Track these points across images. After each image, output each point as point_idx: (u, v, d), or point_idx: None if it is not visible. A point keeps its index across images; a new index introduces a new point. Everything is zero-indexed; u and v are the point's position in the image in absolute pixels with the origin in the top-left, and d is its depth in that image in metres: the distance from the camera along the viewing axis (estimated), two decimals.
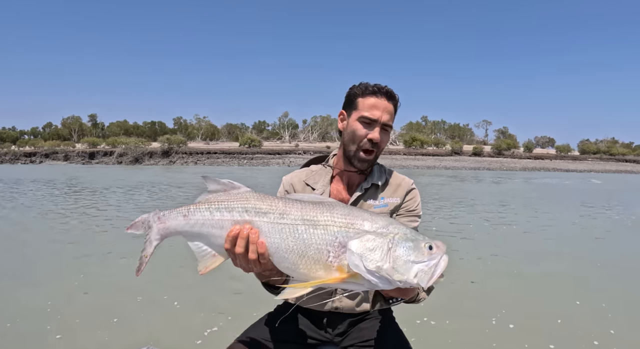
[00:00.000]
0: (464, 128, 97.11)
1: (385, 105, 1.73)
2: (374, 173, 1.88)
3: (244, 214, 1.29)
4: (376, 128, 1.72)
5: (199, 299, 4.58)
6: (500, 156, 61.21)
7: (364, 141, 1.73)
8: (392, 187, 1.88)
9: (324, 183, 1.87)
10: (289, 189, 1.91)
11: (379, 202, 1.83)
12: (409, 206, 1.86)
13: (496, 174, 39.55)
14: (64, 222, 9.54)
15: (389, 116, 1.74)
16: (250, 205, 1.30)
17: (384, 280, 1.16)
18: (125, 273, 5.44)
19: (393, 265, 1.16)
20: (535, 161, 59.72)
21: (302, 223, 1.24)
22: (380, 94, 1.72)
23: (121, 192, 16.90)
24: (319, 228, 1.23)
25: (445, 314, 4.23)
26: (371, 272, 1.15)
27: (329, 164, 1.94)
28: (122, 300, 4.52)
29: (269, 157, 57.23)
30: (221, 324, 3.98)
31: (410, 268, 1.16)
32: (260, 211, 1.28)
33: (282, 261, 1.26)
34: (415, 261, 1.16)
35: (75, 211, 11.35)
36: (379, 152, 1.80)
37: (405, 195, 1.87)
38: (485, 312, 4.33)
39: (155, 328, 3.89)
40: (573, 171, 51.57)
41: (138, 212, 11.09)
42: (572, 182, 30.97)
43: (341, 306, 1.84)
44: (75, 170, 38.90)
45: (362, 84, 1.77)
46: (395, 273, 1.15)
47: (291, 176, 1.95)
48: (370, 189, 1.85)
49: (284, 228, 1.25)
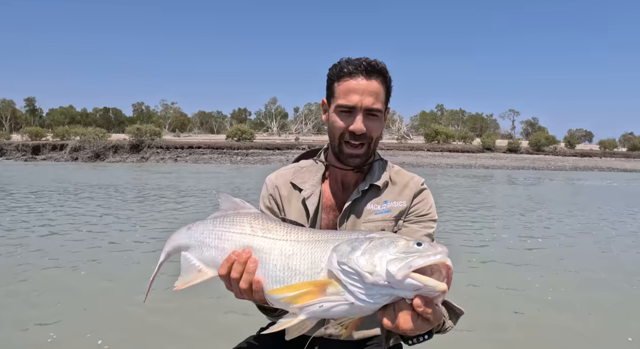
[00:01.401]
0: (487, 119, 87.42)
1: (365, 85, 1.48)
2: (374, 171, 1.66)
3: (246, 237, 1.27)
4: (357, 117, 1.50)
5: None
6: (540, 152, 53.26)
7: (346, 135, 1.53)
8: (397, 188, 1.66)
9: (313, 183, 1.66)
10: (273, 193, 1.71)
11: (380, 207, 1.61)
12: (420, 210, 1.65)
13: (545, 175, 34.70)
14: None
15: (372, 98, 1.49)
16: (257, 227, 1.28)
17: (354, 274, 1.04)
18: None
19: (366, 257, 1.04)
20: (583, 158, 52.13)
21: (305, 245, 1.18)
22: (357, 74, 1.48)
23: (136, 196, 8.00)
24: (319, 245, 1.16)
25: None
26: (341, 264, 1.06)
27: (320, 160, 1.72)
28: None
29: (268, 153, 46.77)
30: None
31: (383, 257, 1.03)
32: (264, 236, 1.25)
33: (273, 297, 1.19)
34: (393, 254, 1.03)
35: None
36: (374, 144, 1.58)
37: (414, 198, 1.65)
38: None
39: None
40: (632, 171, 45.19)
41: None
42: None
43: (336, 332, 1.52)
44: (19, 169, 28.93)
45: (339, 63, 1.53)
46: (366, 264, 1.03)
47: (276, 175, 1.75)
48: (370, 191, 1.63)
49: (275, 262, 1.20)
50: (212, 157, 45.55)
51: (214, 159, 45.01)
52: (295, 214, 1.67)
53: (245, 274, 1.20)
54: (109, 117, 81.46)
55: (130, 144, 45.99)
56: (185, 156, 45.54)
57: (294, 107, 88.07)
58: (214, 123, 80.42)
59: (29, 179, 21.93)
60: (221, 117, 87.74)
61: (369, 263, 1.02)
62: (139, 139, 46.00)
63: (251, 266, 1.20)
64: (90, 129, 48.21)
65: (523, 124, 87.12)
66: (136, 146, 46.00)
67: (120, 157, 44.85)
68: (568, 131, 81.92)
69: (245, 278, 1.20)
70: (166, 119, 75.48)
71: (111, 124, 67.34)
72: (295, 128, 75.12)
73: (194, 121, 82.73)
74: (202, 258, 1.32)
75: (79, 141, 45.14)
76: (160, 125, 76.73)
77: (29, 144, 47.02)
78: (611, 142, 63.23)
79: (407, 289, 0.99)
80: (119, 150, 45.83)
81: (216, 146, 48.27)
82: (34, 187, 17.69)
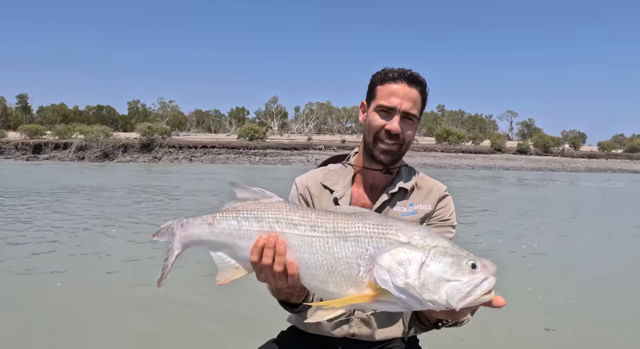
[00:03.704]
0: (487, 120, 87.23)
1: (406, 91, 1.56)
2: (402, 175, 1.71)
3: (274, 225, 1.22)
4: (395, 117, 1.56)
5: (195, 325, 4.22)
6: (549, 154, 53.19)
7: (382, 133, 1.58)
8: (422, 192, 1.71)
9: (344, 184, 1.71)
10: (303, 193, 1.73)
11: (407, 210, 1.67)
12: (442, 215, 1.70)
13: (567, 177, 34.36)
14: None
15: (410, 103, 1.57)
16: (282, 216, 1.23)
17: (414, 299, 1.05)
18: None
19: (424, 282, 1.04)
20: (592, 160, 52.72)
21: (332, 235, 1.16)
22: (400, 80, 1.57)
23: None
24: (349, 240, 1.14)
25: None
26: (399, 289, 1.05)
27: (349, 163, 1.77)
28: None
29: (287, 154, 44.89)
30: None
31: (442, 286, 1.03)
32: (292, 223, 1.21)
33: (312, 278, 1.19)
34: (450, 280, 1.03)
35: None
36: (406, 146, 1.63)
37: (438, 202, 1.70)
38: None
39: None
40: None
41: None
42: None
43: (359, 332, 1.64)
44: (26, 169, 25.88)
45: (383, 70, 1.62)
46: (425, 291, 1.03)
47: (306, 177, 1.77)
48: (398, 193, 1.68)
49: (313, 241, 1.17)
50: (229, 157, 43.25)
51: (231, 159, 42.69)
52: None
53: (277, 256, 1.19)
54: (103, 115, 76.79)
55: (141, 143, 43.24)
56: (200, 156, 43.06)
57: (294, 106, 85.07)
58: (212, 122, 77.38)
59: (58, 180, 19.37)
60: (219, 116, 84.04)
61: (429, 291, 1.02)
62: (150, 138, 43.31)
63: (281, 247, 1.19)
64: (97, 127, 44.95)
65: (519, 125, 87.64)
66: (147, 145, 43.27)
67: (131, 156, 42.02)
68: (562, 132, 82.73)
69: (278, 261, 1.19)
70: (163, 117, 71.59)
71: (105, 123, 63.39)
72: (297, 128, 73.06)
73: (191, 120, 78.94)
74: (235, 257, 1.28)
75: (85, 140, 42.01)
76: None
77: (30, 142, 43.54)
78: (610, 144, 64.18)
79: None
80: (129, 149, 43.00)
81: (231, 146, 45.95)
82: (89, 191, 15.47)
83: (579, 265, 7.00)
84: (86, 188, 16.48)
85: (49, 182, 18.32)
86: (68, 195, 14.35)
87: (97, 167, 32.78)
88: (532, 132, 79.35)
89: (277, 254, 1.19)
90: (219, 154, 43.84)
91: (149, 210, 11.53)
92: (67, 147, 42.94)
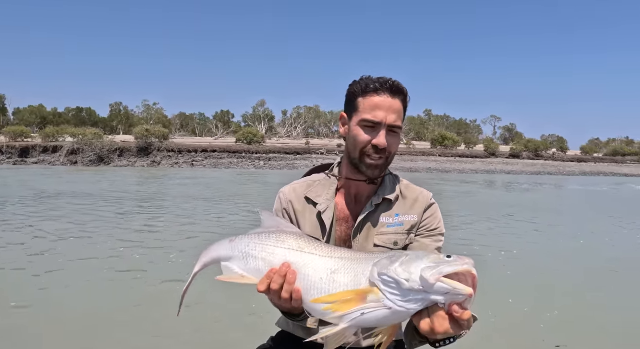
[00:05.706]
0: (471, 125, 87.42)
1: (390, 103, 1.51)
2: (386, 185, 1.67)
3: (288, 254, 1.31)
4: (381, 132, 1.52)
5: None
6: (540, 158, 53.89)
7: (368, 148, 1.54)
8: (408, 202, 1.67)
9: (327, 197, 1.66)
10: (287, 207, 1.69)
11: (393, 220, 1.62)
12: (430, 225, 1.66)
13: (569, 181, 34.51)
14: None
15: (395, 115, 1.52)
16: (297, 246, 1.32)
17: (392, 281, 1.13)
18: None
19: (403, 267, 1.13)
20: (587, 164, 54.28)
21: (342, 270, 1.25)
22: (383, 91, 1.51)
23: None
24: (358, 276, 1.22)
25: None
26: (381, 275, 1.15)
27: (333, 174, 1.71)
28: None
29: (292, 158, 43.47)
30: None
31: (417, 266, 1.12)
32: (305, 252, 1.30)
33: (314, 307, 1.25)
34: (427, 264, 1.13)
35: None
36: (391, 158, 1.59)
37: (424, 212, 1.66)
38: None
39: None
40: (632, 176, 46.50)
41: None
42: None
43: (370, 343, 1.62)
44: (28, 176, 23.09)
45: (362, 79, 1.56)
46: (404, 272, 1.12)
47: (289, 189, 1.72)
48: (382, 204, 1.64)
49: (322, 275, 1.25)
50: (232, 161, 41.25)
51: (234, 163, 40.72)
52: (310, 227, 1.65)
53: (286, 285, 1.24)
54: (83, 118, 71.92)
55: (138, 146, 40.59)
56: (201, 160, 40.87)
57: (282, 110, 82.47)
58: (196, 125, 74.16)
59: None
60: (203, 120, 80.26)
61: (406, 271, 1.11)
62: (147, 142, 40.70)
63: (291, 277, 1.24)
64: (91, 130, 41.99)
65: (501, 129, 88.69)
66: (144, 149, 40.66)
67: (128, 161, 39.42)
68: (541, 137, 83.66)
69: (287, 288, 1.24)
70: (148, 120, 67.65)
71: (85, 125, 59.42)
72: (285, 132, 71.11)
73: (175, 123, 75.24)
74: (246, 268, 1.35)
75: (77, 143, 39.02)
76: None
77: (16, 145, 40.07)
78: (592, 148, 65.83)
79: (438, 294, 1.08)
80: (125, 153, 40.27)
81: (232, 150, 43.91)
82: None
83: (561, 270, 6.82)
84: (132, 196, 14.63)
85: (71, 187, 16.20)
86: (104, 203, 12.63)
87: (93, 171, 30.59)
88: (514, 136, 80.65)
89: (287, 283, 1.23)
90: (221, 158, 41.80)
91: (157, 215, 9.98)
92: (56, 151, 39.82)
